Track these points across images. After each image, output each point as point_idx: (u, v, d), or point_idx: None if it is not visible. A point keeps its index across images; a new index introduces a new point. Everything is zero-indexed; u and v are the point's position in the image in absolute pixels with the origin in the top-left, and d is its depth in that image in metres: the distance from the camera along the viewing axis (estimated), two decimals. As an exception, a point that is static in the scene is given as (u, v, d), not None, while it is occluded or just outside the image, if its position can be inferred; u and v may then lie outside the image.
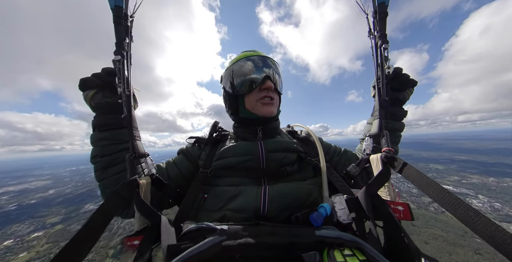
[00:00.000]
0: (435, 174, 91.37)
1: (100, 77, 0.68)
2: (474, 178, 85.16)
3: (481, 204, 59.27)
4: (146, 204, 0.60)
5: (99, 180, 0.70)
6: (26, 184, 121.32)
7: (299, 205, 0.64)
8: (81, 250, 0.42)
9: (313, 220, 0.53)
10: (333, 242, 0.44)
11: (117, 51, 0.67)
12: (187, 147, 0.93)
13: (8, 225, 62.65)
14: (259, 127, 0.86)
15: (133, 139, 0.69)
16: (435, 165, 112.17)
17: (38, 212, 70.17)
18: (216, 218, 0.63)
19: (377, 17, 0.73)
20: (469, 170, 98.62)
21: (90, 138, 0.71)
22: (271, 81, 0.80)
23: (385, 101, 0.73)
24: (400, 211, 0.56)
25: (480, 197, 64.18)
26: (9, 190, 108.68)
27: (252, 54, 0.85)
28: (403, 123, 0.83)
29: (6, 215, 71.90)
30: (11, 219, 67.49)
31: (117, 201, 0.55)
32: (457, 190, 69.65)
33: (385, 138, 0.70)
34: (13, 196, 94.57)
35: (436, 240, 39.16)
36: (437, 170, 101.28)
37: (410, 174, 0.56)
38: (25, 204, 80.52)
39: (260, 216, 0.61)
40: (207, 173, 0.76)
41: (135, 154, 0.68)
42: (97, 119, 0.70)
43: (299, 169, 0.75)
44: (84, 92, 0.68)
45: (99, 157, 0.70)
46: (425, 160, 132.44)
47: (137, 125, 0.73)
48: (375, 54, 0.75)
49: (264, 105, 0.81)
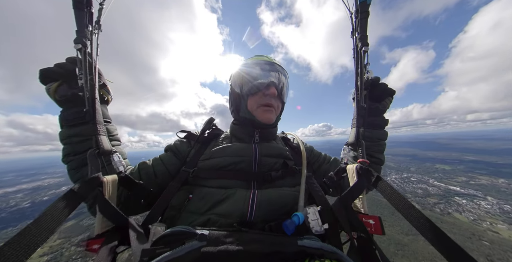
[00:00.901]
0: (442, 175, 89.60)
1: (64, 67, 0.62)
2: (483, 179, 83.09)
3: (489, 205, 57.93)
4: (110, 204, 0.55)
5: (74, 180, 0.64)
6: (39, 182, 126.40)
7: (286, 211, 0.63)
8: (19, 253, 0.35)
9: (285, 227, 0.54)
10: (314, 252, 0.44)
11: (77, 39, 0.61)
12: (176, 143, 0.88)
13: (23, 221, 65.99)
14: (257, 130, 0.85)
15: (97, 133, 0.64)
16: (441, 165, 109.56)
17: (50, 209, 73.02)
18: (200, 222, 0.60)
19: (358, 17, 0.71)
20: (477, 171, 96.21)
21: (59, 135, 0.65)
22: (275, 89, 0.80)
23: (362, 109, 0.73)
24: (371, 225, 0.56)
25: (489, 199, 62.64)
26: (22, 187, 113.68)
27: (265, 59, 0.85)
28: (386, 132, 0.82)
29: (22, 212, 75.58)
30: (26, 215, 70.96)
31: (71, 201, 0.47)
32: (465, 191, 68.18)
33: (361, 148, 0.70)
34: (27, 194, 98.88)
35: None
36: (443, 170, 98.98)
37: (383, 188, 0.56)
38: (38, 201, 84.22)
39: (246, 222, 0.60)
40: (189, 173, 0.72)
41: (99, 150, 0.63)
42: (64, 114, 0.64)
43: (282, 176, 0.75)
44: (46, 85, 0.62)
45: (71, 156, 0.64)
46: (432, 160, 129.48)
47: (101, 120, 0.67)
48: (355, 57, 0.72)
49: (264, 111, 0.81)
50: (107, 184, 0.57)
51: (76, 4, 0.61)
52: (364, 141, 0.72)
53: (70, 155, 0.65)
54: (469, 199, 61.58)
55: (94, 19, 0.66)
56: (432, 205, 56.16)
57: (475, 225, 48.27)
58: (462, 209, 56.04)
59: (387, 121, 0.80)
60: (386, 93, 0.76)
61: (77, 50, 0.61)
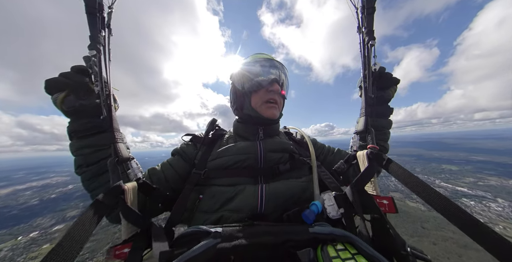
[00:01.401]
0: (448, 175, 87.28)
1: (70, 77, 0.60)
2: (492, 179, 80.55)
3: (500, 208, 55.89)
4: (133, 210, 0.58)
5: (90, 190, 0.65)
6: (48, 180, 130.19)
7: (294, 202, 0.66)
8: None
9: (305, 217, 0.55)
10: (326, 238, 0.46)
11: (91, 45, 0.60)
12: (182, 146, 0.90)
13: (33, 218, 68.16)
14: (261, 127, 0.87)
15: (115, 141, 0.64)
16: (448, 166, 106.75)
17: (58, 206, 75.51)
18: (213, 220, 0.62)
19: (365, 12, 0.74)
20: (486, 171, 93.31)
21: (69, 147, 0.64)
22: (278, 85, 0.83)
23: (370, 99, 0.75)
24: (385, 204, 0.58)
25: (500, 201, 60.56)
26: (32, 185, 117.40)
27: (265, 57, 0.88)
28: (390, 121, 0.85)
29: (30, 209, 78.05)
30: (35, 212, 73.23)
31: (98, 210, 0.50)
32: (473, 192, 66.20)
33: (370, 135, 0.73)
34: (36, 191, 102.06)
35: (445, 242, 38.03)
36: (450, 171, 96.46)
37: (394, 169, 0.58)
38: (45, 199, 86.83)
39: (257, 215, 0.62)
40: (200, 174, 0.74)
41: (118, 158, 0.64)
42: (73, 125, 0.63)
43: (290, 168, 0.77)
44: (52, 95, 0.60)
45: (84, 167, 0.64)
46: (437, 160, 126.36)
47: (118, 127, 0.68)
48: (362, 51, 0.75)
49: (268, 108, 0.83)
50: (128, 191, 0.59)
51: (89, 9, 0.61)
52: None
53: (83, 166, 0.64)
54: (478, 201, 59.77)
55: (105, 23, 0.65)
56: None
57: (484, 227, 46.48)
58: (470, 210, 54.35)
59: (392, 110, 0.83)
60: (391, 82, 0.79)
61: (92, 57, 0.60)
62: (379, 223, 0.53)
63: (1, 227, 65.07)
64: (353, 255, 0.41)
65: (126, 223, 0.56)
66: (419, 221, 44.13)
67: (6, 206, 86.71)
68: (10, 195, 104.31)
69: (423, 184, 0.50)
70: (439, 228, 43.10)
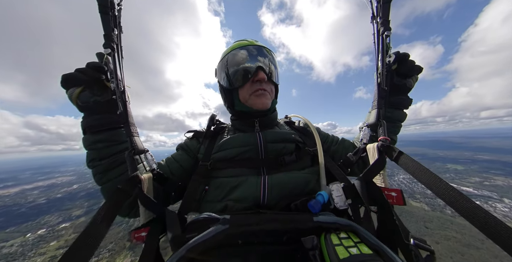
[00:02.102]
0: (453, 175, 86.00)
1: (86, 73, 0.61)
2: (499, 179, 78.84)
3: (507, 208, 54.86)
4: (149, 198, 0.62)
5: (101, 183, 0.68)
6: (54, 179, 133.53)
7: (297, 193, 0.67)
8: (89, 246, 0.43)
9: (311, 207, 0.57)
10: (329, 227, 0.47)
11: (106, 44, 0.62)
12: (186, 141, 0.93)
13: (41, 216, 70.12)
14: (256, 119, 0.86)
15: (131, 135, 0.67)
16: (453, 165, 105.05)
17: (64, 205, 77.51)
18: (218, 209, 0.65)
19: (381, 2, 0.71)
20: (493, 171, 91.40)
21: (82, 141, 0.66)
22: (264, 72, 0.77)
23: (384, 91, 0.73)
24: (393, 196, 0.58)
25: (506, 201, 59.42)
26: (39, 185, 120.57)
27: (245, 43, 0.82)
28: (405, 113, 0.81)
29: (39, 207, 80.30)
30: (43, 211, 75.37)
31: (121, 196, 0.56)
32: (478, 192, 65.12)
33: (382, 127, 0.71)
34: (43, 191, 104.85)
35: (448, 241, 37.69)
36: (455, 170, 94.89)
37: (405, 162, 0.57)
38: (52, 198, 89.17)
39: (260, 205, 0.64)
40: (207, 165, 0.76)
41: (134, 150, 0.66)
42: (88, 120, 0.65)
43: (297, 159, 0.76)
44: (68, 90, 0.62)
45: (97, 161, 0.67)
46: (442, 159, 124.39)
47: (133, 121, 0.70)
48: (377, 42, 0.73)
49: (257, 97, 0.80)
50: (145, 181, 0.63)
51: (102, 8, 0.62)
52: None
53: (95, 160, 0.66)
54: (483, 201, 58.77)
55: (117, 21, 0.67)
56: (443, 206, 54.13)
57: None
58: (475, 210, 53.35)
59: (411, 101, 0.79)
60: (414, 70, 0.74)
61: (107, 55, 0.62)
62: (385, 214, 0.54)
63: (10, 225, 67.20)
64: (356, 243, 0.41)
65: (144, 209, 0.61)
66: (422, 220, 43.80)
67: (16, 204, 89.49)
68: (19, 194, 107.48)
69: (435, 177, 0.48)
70: (442, 227, 42.66)
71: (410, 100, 0.79)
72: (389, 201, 0.56)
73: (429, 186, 0.48)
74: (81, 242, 0.42)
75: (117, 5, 0.68)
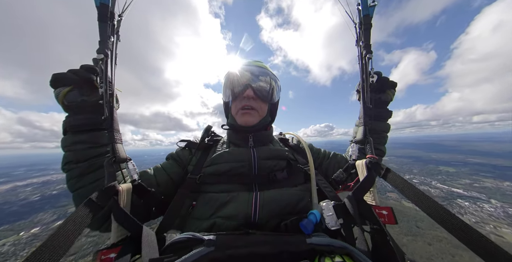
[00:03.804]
0: (445, 177, 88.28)
1: (78, 73, 0.61)
2: (488, 181, 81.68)
3: (493, 209, 57.21)
4: (125, 213, 0.55)
5: (73, 190, 0.62)
6: (49, 176, 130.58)
7: (289, 211, 0.65)
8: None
9: (303, 227, 0.54)
10: (323, 249, 0.44)
11: (100, 50, 0.63)
12: (177, 151, 0.90)
13: (34, 214, 68.86)
14: (250, 134, 0.86)
15: (114, 141, 0.63)
16: (445, 167, 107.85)
17: (59, 202, 76.21)
18: (205, 227, 0.61)
19: (362, 28, 0.78)
20: (482, 173, 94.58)
21: (61, 142, 0.62)
22: (252, 90, 0.80)
23: (369, 109, 0.77)
24: (384, 215, 0.57)
25: (493, 202, 61.77)
26: (33, 181, 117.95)
27: (245, 63, 0.89)
28: (388, 124, 0.86)
29: (31, 205, 78.73)
30: (36, 208, 73.93)
31: (91, 210, 0.47)
32: (468, 193, 67.30)
33: (369, 144, 0.73)
34: (37, 187, 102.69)
35: (440, 242, 38.99)
36: (447, 172, 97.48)
37: (393, 179, 0.58)
38: (47, 195, 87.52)
39: (251, 223, 0.60)
40: (195, 179, 0.73)
41: (115, 158, 0.62)
42: (70, 120, 0.62)
43: (288, 176, 0.76)
44: (56, 89, 0.60)
45: (73, 163, 0.62)
46: (435, 162, 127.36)
47: (118, 128, 0.67)
48: (360, 63, 0.79)
49: (242, 115, 0.83)
50: (123, 192, 0.57)
51: (101, 17, 0.64)
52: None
53: (72, 163, 0.62)
54: (472, 202, 60.85)
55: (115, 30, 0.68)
56: (434, 207, 55.58)
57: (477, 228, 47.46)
58: (464, 211, 55.48)
59: (391, 113, 0.84)
60: (388, 85, 0.81)
61: (100, 60, 0.62)
62: (378, 234, 0.52)
63: (2, 223, 65.78)
64: None
65: (117, 225, 0.54)
66: (414, 220, 45.16)
67: (6, 202, 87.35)
68: (10, 191, 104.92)
69: (421, 194, 0.49)
70: (433, 228, 44.12)
71: (389, 112, 0.84)
72: (380, 219, 0.55)
73: (416, 203, 0.49)
74: (38, 255, 0.35)
75: (118, 16, 0.70)
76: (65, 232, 0.41)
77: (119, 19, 0.71)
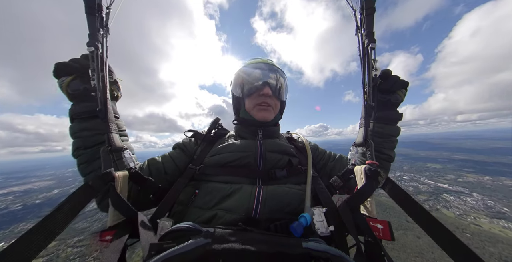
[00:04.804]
0: (432, 173, 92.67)
1: (79, 62, 0.64)
2: (470, 176, 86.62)
3: (474, 201, 60.82)
4: (121, 198, 0.57)
5: (84, 174, 0.66)
6: (30, 185, 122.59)
7: (290, 209, 0.63)
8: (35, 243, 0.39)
9: (293, 229, 0.52)
10: (319, 255, 0.43)
11: (90, 43, 0.63)
12: (183, 141, 0.92)
13: (15, 224, 64.31)
14: (260, 128, 0.88)
15: (109, 131, 0.65)
16: (432, 164, 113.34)
17: (42, 212, 71.74)
18: (207, 217, 0.61)
19: (364, 14, 0.70)
20: (466, 169, 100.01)
21: (69, 130, 0.66)
22: (269, 88, 0.83)
23: (371, 107, 0.69)
24: (379, 229, 0.54)
25: (475, 195, 65.73)
26: (13, 190, 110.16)
27: (259, 61, 0.91)
28: (398, 128, 0.77)
29: (12, 214, 73.54)
30: (17, 218, 69.20)
31: (88, 193, 0.52)
32: (453, 188, 71.13)
33: (370, 148, 0.67)
34: (18, 196, 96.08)
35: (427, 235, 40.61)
36: (434, 169, 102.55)
37: (392, 191, 0.55)
38: (30, 204, 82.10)
39: (251, 218, 0.59)
40: (195, 170, 0.74)
41: (111, 147, 0.64)
42: (75, 107, 0.66)
43: (287, 174, 0.75)
44: (59, 79, 0.64)
45: (82, 149, 0.66)
46: (423, 159, 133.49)
47: (113, 118, 0.68)
48: (362, 54, 0.70)
49: (260, 110, 0.85)
50: (119, 179, 0.60)
51: (89, 9, 0.63)
52: (374, 137, 0.70)
53: (80, 149, 0.66)
54: (456, 196, 64.44)
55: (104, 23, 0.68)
56: (422, 202, 58.20)
57: (460, 220, 50.63)
58: (450, 205, 58.71)
59: (401, 116, 0.76)
60: (398, 85, 0.73)
61: (90, 53, 0.63)
62: (373, 247, 0.50)
63: (-21, 235, 60.92)
64: None
65: (113, 210, 0.57)
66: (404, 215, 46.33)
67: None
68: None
69: (422, 209, 0.47)
70: None
71: (399, 115, 0.76)
72: (375, 233, 0.52)
73: (415, 219, 0.47)
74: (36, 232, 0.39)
75: (106, 8, 0.70)
76: (62, 212, 0.44)
77: (107, 11, 0.70)
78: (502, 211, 56.94)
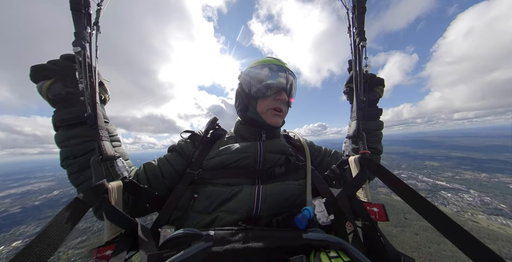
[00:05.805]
0: (430, 171, 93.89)
1: (58, 64, 0.58)
2: (467, 174, 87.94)
3: (471, 198, 61.92)
4: (117, 210, 0.54)
5: (77, 184, 0.61)
6: (29, 186, 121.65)
7: (290, 204, 0.65)
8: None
9: (298, 221, 0.54)
10: (319, 244, 0.44)
11: (76, 42, 0.57)
12: (180, 143, 0.88)
13: (15, 227, 64.05)
14: (264, 130, 0.87)
15: (100, 139, 0.60)
16: (430, 162, 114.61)
17: (42, 213, 71.44)
18: (207, 221, 0.60)
19: (355, 13, 0.73)
20: (463, 166, 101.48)
21: (54, 139, 0.61)
22: (286, 95, 0.83)
23: (362, 102, 0.74)
24: (375, 212, 0.57)
25: (472, 192, 66.80)
26: (11, 192, 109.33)
27: (276, 63, 0.86)
28: (381, 122, 0.84)
29: (12, 217, 73.09)
30: (17, 221, 68.79)
31: (79, 209, 0.47)
32: (450, 185, 72.16)
33: (362, 140, 0.71)
34: (16, 199, 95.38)
35: (426, 232, 41.48)
36: (432, 166, 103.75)
37: (385, 176, 0.57)
38: (29, 206, 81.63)
39: (252, 216, 0.60)
40: (194, 174, 0.72)
41: (102, 156, 0.59)
42: (59, 114, 0.59)
43: (286, 172, 0.76)
44: (38, 83, 0.57)
45: (71, 159, 0.61)
46: (421, 157, 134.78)
47: (103, 124, 0.63)
48: (353, 52, 0.74)
49: (274, 116, 0.84)
50: (112, 190, 0.56)
51: (74, 5, 0.59)
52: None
53: (69, 158, 0.61)
54: (454, 193, 65.45)
55: (93, 20, 0.63)
56: (420, 199, 59.03)
57: (458, 216, 51.63)
58: (447, 202, 59.67)
59: (381, 111, 0.81)
60: (374, 83, 0.79)
61: (76, 54, 0.58)
62: (370, 230, 0.53)
63: (-21, 238, 60.58)
64: None
65: (110, 223, 0.53)
66: (402, 212, 47.74)
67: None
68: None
69: (412, 192, 0.49)
70: (419, 218, 45.64)
71: (379, 110, 0.81)
72: (372, 216, 0.55)
73: (408, 201, 0.49)
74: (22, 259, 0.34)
75: (97, 5, 0.66)
76: (49, 236, 0.39)
77: (98, 8, 0.65)
78: (499, 208, 57.93)
